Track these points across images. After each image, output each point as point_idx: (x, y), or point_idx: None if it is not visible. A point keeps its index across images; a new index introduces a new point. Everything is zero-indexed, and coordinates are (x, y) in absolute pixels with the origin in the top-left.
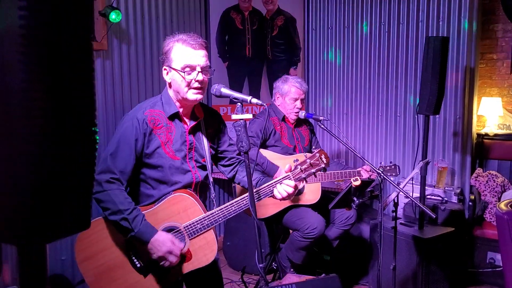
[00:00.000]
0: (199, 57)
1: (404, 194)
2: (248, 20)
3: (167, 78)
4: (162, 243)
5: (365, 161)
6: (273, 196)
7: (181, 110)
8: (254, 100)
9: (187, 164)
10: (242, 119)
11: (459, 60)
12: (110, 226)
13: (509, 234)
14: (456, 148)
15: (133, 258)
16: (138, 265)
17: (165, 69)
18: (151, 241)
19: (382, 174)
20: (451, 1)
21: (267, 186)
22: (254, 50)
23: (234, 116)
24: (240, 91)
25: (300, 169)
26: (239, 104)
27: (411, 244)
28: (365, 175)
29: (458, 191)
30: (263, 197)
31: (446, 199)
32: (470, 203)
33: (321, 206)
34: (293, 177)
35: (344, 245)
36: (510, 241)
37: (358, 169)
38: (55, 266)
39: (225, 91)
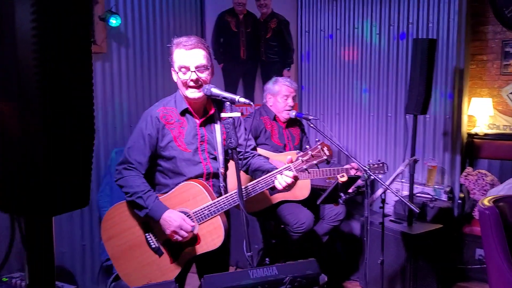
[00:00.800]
0: (192, 58)
1: (390, 190)
2: (243, 23)
3: (174, 78)
4: (174, 219)
5: (352, 158)
6: (274, 186)
7: (190, 106)
8: (242, 100)
9: (198, 156)
10: (230, 117)
11: (448, 62)
12: (131, 209)
13: (490, 228)
14: (446, 148)
15: (149, 239)
16: (153, 245)
17: (172, 70)
18: (163, 216)
19: (368, 171)
20: (441, 3)
21: (268, 176)
22: (248, 52)
23: (223, 115)
24: (234, 91)
25: (302, 160)
26: (227, 103)
27: (400, 240)
28: (352, 172)
29: (448, 189)
30: (265, 187)
31: (435, 197)
32: (459, 201)
33: (311, 202)
34: (295, 168)
35: (335, 242)
36: (491, 235)
37: (345, 167)
38: (56, 259)
39: (215, 91)
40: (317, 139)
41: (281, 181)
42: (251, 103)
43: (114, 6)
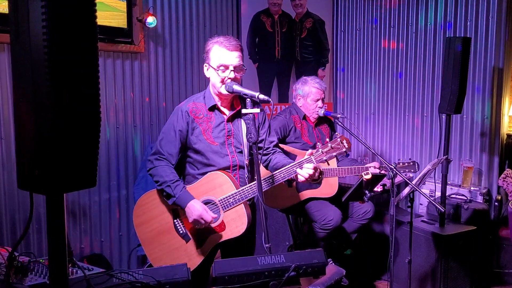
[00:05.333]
0: (232, 58)
1: (416, 189)
2: (278, 23)
3: (207, 73)
4: (197, 208)
5: (378, 156)
6: (296, 177)
7: (219, 102)
8: (261, 96)
9: (225, 149)
10: (251, 113)
11: (487, 61)
12: (161, 197)
13: None
14: (483, 148)
15: (178, 225)
16: (181, 231)
17: (205, 65)
18: (188, 205)
19: (394, 169)
20: (479, 1)
21: (290, 166)
22: (283, 52)
23: (244, 111)
24: (269, 91)
25: (322, 151)
26: (248, 99)
27: (430, 240)
28: (373, 171)
29: (485, 191)
30: (287, 177)
31: (470, 198)
32: (496, 204)
33: (339, 200)
34: (315, 159)
35: (365, 241)
36: None
37: (367, 165)
38: (95, 246)
39: (236, 87)
40: (336, 133)
41: (303, 173)
42: (270, 100)
43: (151, 7)
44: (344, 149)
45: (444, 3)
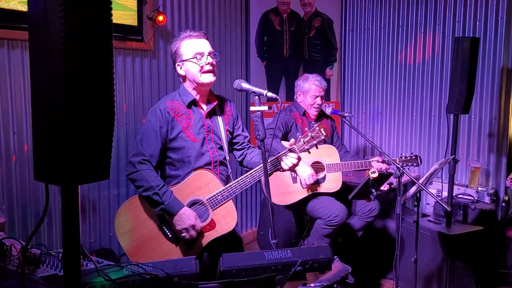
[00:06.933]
0: (204, 44)
1: (422, 188)
2: (286, 22)
3: (181, 72)
4: (188, 217)
5: (385, 155)
6: (281, 167)
7: (197, 97)
8: (269, 94)
9: (206, 145)
10: (259, 111)
11: (495, 61)
12: (144, 203)
13: None
14: (491, 149)
15: (165, 229)
16: (170, 235)
17: (178, 65)
18: (178, 213)
19: (400, 168)
20: (489, 1)
21: (274, 158)
22: (291, 51)
23: (252, 108)
24: (277, 89)
25: (303, 141)
26: (256, 97)
27: (437, 240)
28: (376, 166)
29: (492, 191)
30: (273, 169)
31: (477, 198)
32: (503, 204)
33: (344, 197)
34: (298, 149)
35: (371, 240)
36: None
37: (369, 160)
38: (104, 241)
39: (245, 85)
40: (314, 123)
41: (287, 162)
42: (278, 97)
43: (161, 5)
44: (322, 137)
45: (454, 3)
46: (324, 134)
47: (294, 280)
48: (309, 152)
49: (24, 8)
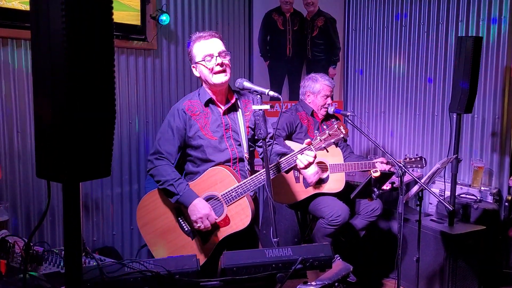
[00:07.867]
0: (213, 45)
1: (424, 187)
2: (289, 22)
3: (196, 73)
4: (202, 207)
5: (387, 155)
6: (296, 166)
7: (214, 97)
8: (271, 93)
9: (224, 143)
10: (261, 109)
11: (498, 60)
12: (163, 196)
13: None
14: (494, 148)
15: (182, 223)
16: (186, 228)
17: (193, 67)
18: (192, 203)
19: (402, 167)
20: (492, 1)
21: (290, 156)
22: (294, 50)
23: (254, 107)
24: (280, 89)
25: (320, 139)
26: (258, 96)
27: (439, 239)
28: (380, 167)
29: (495, 191)
30: (288, 167)
31: (480, 198)
32: (506, 204)
33: (347, 197)
34: (314, 147)
35: (373, 239)
36: None
37: (373, 161)
38: (107, 239)
39: (247, 84)
40: (333, 119)
41: (302, 159)
42: (280, 96)
43: (164, 5)
44: (341, 135)
45: (457, 2)
46: (344, 132)
47: (295, 278)
48: (327, 151)
49: (24, 7)
